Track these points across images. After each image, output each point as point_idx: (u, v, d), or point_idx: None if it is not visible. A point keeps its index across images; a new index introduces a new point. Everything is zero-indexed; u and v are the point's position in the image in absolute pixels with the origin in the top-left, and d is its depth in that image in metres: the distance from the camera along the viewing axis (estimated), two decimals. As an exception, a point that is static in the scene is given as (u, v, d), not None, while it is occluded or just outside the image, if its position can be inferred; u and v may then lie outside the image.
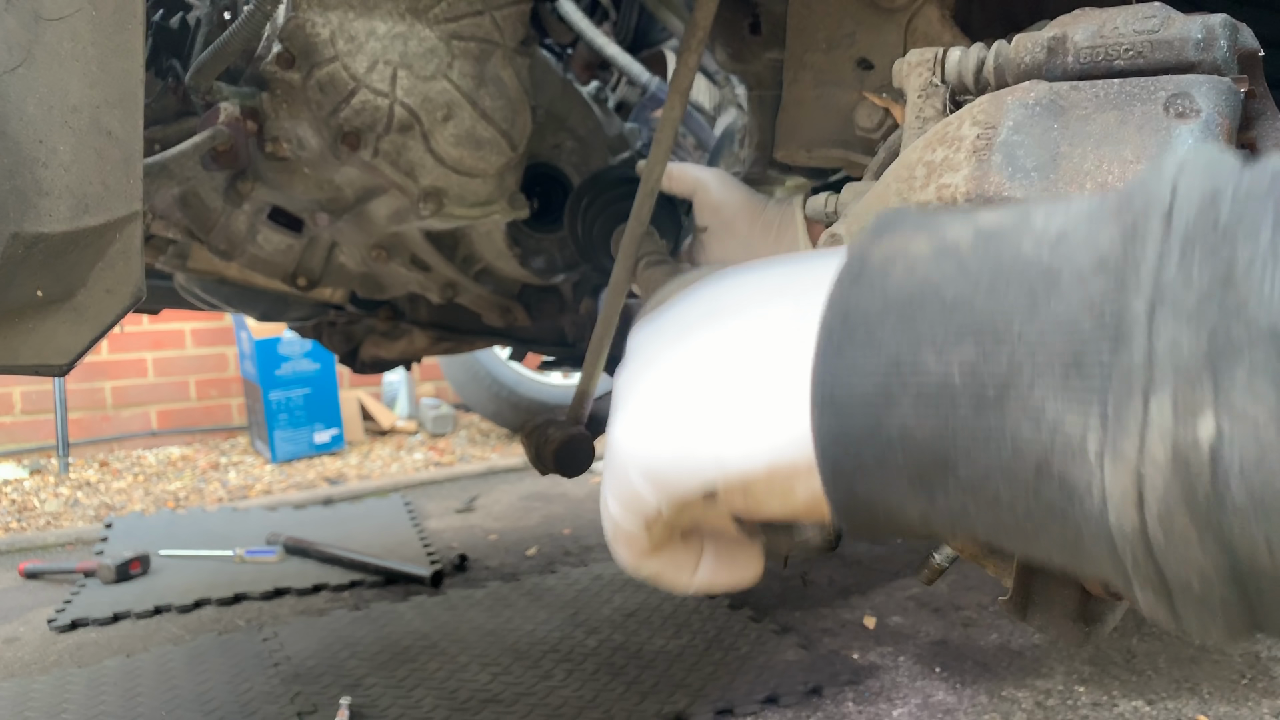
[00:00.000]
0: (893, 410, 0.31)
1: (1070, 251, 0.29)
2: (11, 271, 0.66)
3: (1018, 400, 0.29)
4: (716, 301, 0.40)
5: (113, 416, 4.02)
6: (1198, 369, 0.26)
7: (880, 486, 0.32)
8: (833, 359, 0.32)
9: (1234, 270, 0.26)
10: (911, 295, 0.31)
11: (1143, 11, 0.54)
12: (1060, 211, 0.31)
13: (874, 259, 0.33)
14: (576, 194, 1.21)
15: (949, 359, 0.30)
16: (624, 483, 0.38)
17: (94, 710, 1.66)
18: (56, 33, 0.64)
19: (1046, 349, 0.28)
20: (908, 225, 0.34)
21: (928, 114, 0.61)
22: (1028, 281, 0.29)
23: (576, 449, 1.15)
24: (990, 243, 0.31)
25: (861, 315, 0.32)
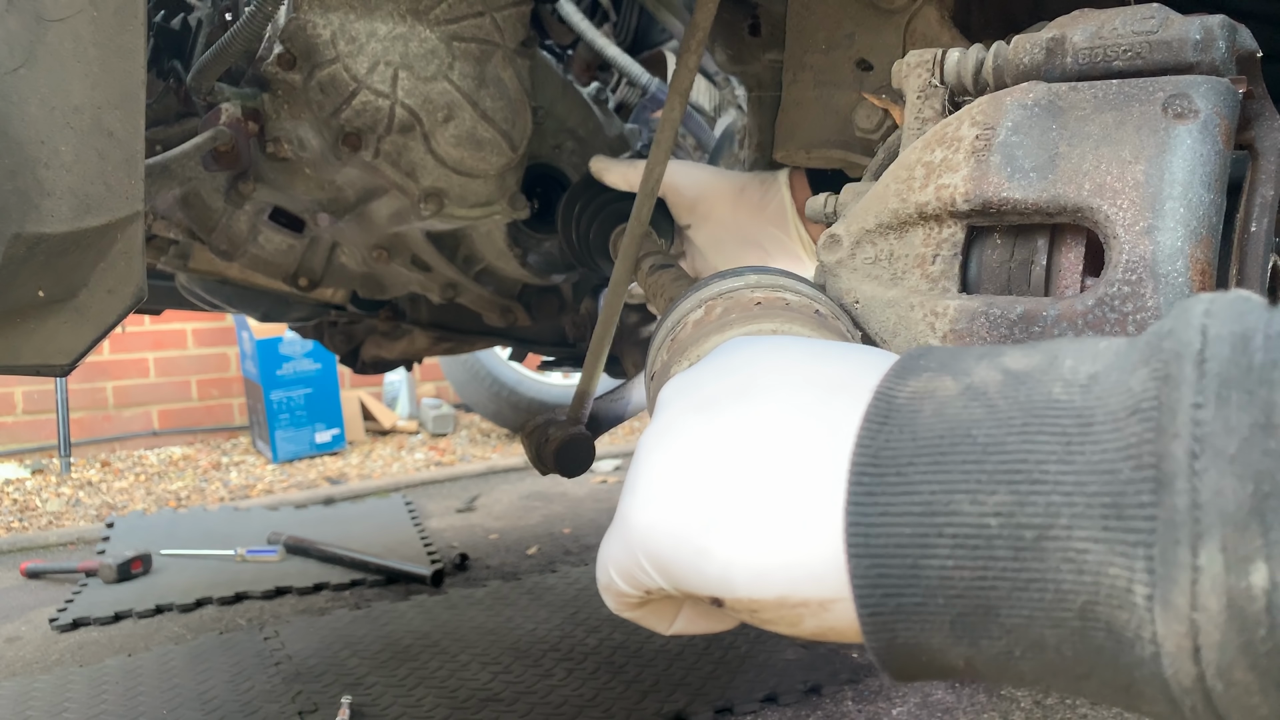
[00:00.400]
0: (931, 556, 0.31)
1: (1102, 395, 0.30)
2: (13, 271, 0.66)
3: (1057, 545, 0.29)
4: (748, 374, 0.39)
5: (114, 416, 4.02)
6: (1245, 516, 0.26)
7: (921, 631, 0.32)
8: (866, 504, 0.32)
9: (1273, 414, 0.26)
10: (942, 437, 0.31)
11: (1141, 12, 0.54)
12: (1089, 355, 0.32)
13: (901, 399, 0.33)
14: (569, 198, 1.20)
15: (984, 504, 0.30)
16: (632, 561, 0.38)
17: (95, 709, 1.66)
18: (58, 33, 0.64)
19: (1084, 494, 0.28)
20: (933, 366, 0.34)
21: (927, 115, 0.61)
22: (1060, 425, 0.30)
23: (577, 449, 1.15)
24: (1020, 385, 0.31)
25: (892, 457, 0.32)
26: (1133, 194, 0.49)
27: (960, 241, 0.56)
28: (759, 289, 0.58)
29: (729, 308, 0.56)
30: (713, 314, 0.57)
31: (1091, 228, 0.52)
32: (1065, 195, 0.51)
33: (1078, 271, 0.53)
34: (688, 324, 0.58)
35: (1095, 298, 0.50)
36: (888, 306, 0.58)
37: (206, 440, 4.17)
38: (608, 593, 0.42)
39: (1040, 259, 0.54)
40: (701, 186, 1.06)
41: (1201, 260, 0.48)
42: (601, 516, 2.81)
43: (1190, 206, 0.48)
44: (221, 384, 4.22)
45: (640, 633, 1.88)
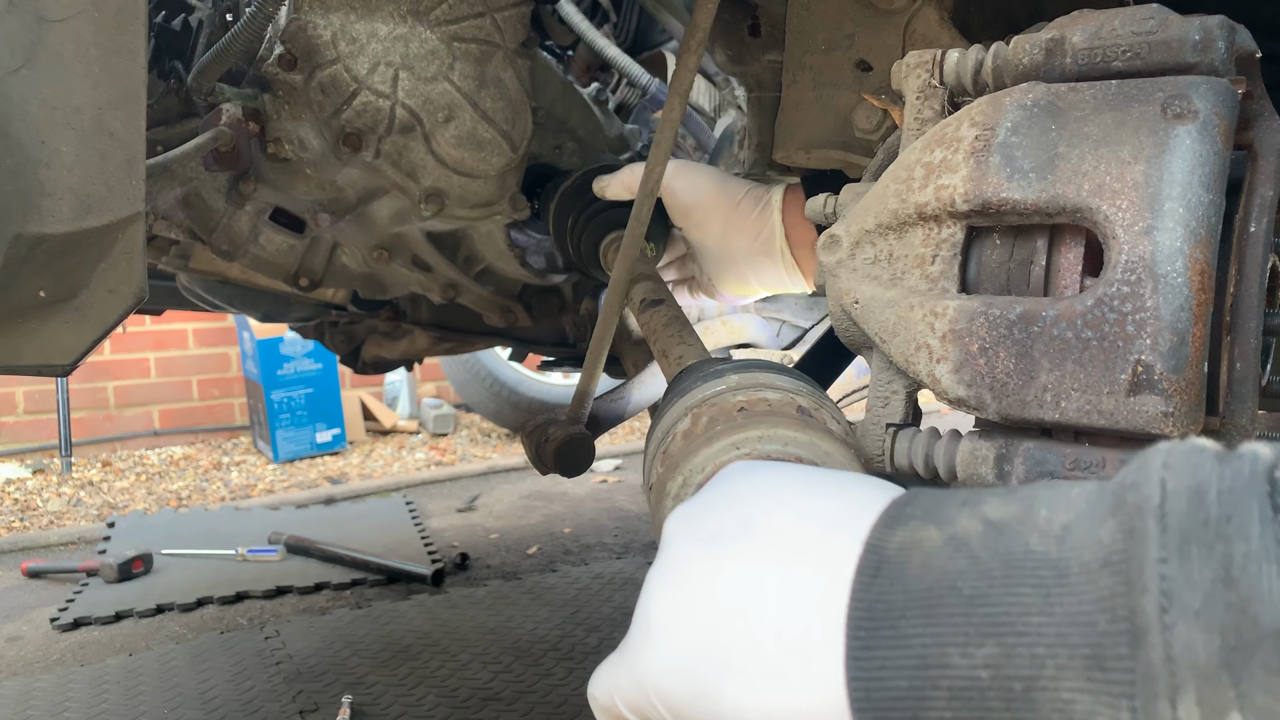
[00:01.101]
0: (928, 709, 0.32)
1: (1076, 547, 0.31)
2: (14, 272, 0.66)
3: (1046, 696, 0.30)
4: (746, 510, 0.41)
5: (115, 416, 4.03)
6: (1215, 669, 0.27)
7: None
8: (864, 656, 0.34)
9: (1231, 568, 0.28)
10: (930, 589, 0.33)
11: (1140, 13, 0.54)
12: (1062, 504, 0.33)
13: (890, 551, 0.35)
14: (559, 208, 1.19)
15: (974, 656, 0.31)
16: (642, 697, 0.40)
17: (96, 708, 1.66)
18: (59, 34, 0.64)
19: (1067, 645, 0.30)
20: (919, 515, 0.36)
21: (926, 115, 0.61)
22: (1039, 577, 0.31)
23: (577, 448, 1.15)
24: (1000, 536, 0.33)
25: (885, 610, 0.34)
26: (1132, 194, 0.49)
27: (960, 242, 0.56)
28: (740, 391, 0.61)
29: (714, 417, 0.59)
30: (699, 424, 0.60)
31: (1091, 228, 0.52)
32: (1064, 196, 0.51)
33: (1077, 272, 0.53)
34: (676, 435, 0.62)
35: (1094, 298, 0.50)
36: (887, 306, 0.58)
37: (207, 440, 4.17)
38: (606, 714, 0.43)
39: (1039, 259, 0.54)
40: (698, 195, 1.06)
41: (1200, 260, 0.48)
42: (601, 516, 2.81)
43: (1189, 207, 0.48)
44: (222, 384, 4.22)
45: (641, 632, 1.88)
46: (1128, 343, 0.49)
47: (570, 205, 1.18)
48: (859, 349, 0.65)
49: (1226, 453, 0.32)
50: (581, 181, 1.18)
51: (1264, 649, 0.27)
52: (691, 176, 1.07)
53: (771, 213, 1.03)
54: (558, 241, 1.22)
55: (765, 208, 1.03)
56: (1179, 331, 0.48)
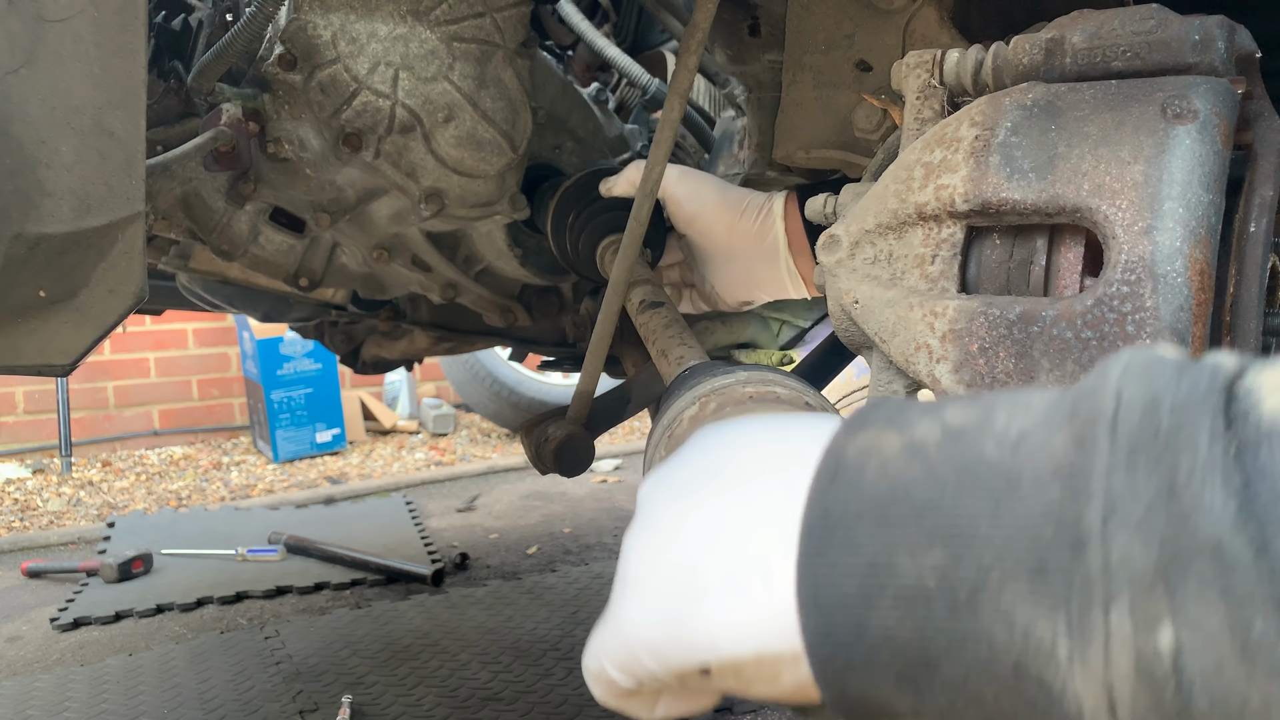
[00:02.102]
0: (874, 612, 0.33)
1: (1029, 455, 0.31)
2: (14, 272, 0.66)
3: (989, 604, 0.30)
4: (716, 455, 0.42)
5: (115, 416, 4.03)
6: (1151, 579, 0.28)
7: (869, 683, 0.33)
8: (815, 560, 0.34)
9: (1176, 480, 0.28)
10: (884, 496, 0.33)
11: (1140, 13, 0.54)
12: (1020, 411, 0.33)
13: (849, 456, 0.35)
14: (558, 209, 1.19)
15: (922, 563, 0.32)
16: (628, 654, 0.40)
17: (96, 708, 1.66)
18: (59, 34, 0.64)
19: (1012, 554, 0.30)
20: (880, 420, 0.36)
21: (926, 115, 0.61)
22: (990, 486, 0.31)
23: (576, 448, 1.15)
24: (956, 444, 0.33)
25: (839, 515, 0.34)
26: (1131, 194, 0.49)
27: (959, 242, 0.56)
28: (750, 384, 0.61)
29: (722, 402, 0.60)
30: (707, 409, 0.60)
31: (1090, 228, 0.52)
32: (1064, 196, 0.51)
33: (1076, 272, 0.53)
34: (683, 420, 0.62)
35: (1094, 298, 0.50)
36: (887, 306, 0.58)
37: (207, 440, 4.17)
38: (598, 682, 0.43)
39: (1039, 259, 0.54)
40: (701, 203, 1.06)
41: (1200, 260, 0.48)
42: (601, 516, 2.82)
43: (1189, 207, 0.48)
44: (222, 384, 4.22)
45: (640, 632, 1.88)
46: (1127, 343, 0.49)
47: (569, 207, 1.18)
48: (859, 349, 0.65)
49: (1187, 362, 0.31)
50: (580, 184, 1.18)
51: (1200, 560, 0.27)
52: (694, 184, 1.07)
53: (774, 220, 1.03)
54: (555, 243, 1.22)
55: (767, 216, 1.03)
56: (1179, 331, 0.48)
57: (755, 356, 1.50)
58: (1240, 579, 0.27)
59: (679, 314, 0.95)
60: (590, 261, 1.15)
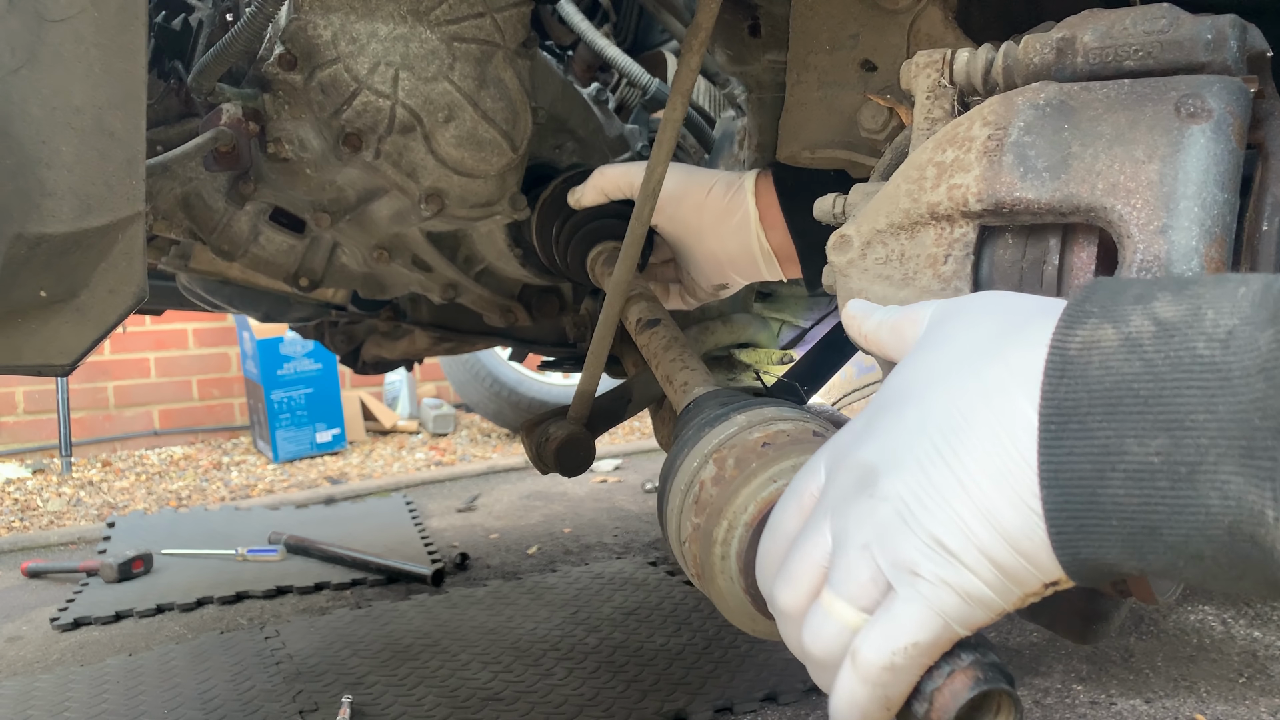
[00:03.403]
0: (1106, 487, 0.39)
1: (1237, 351, 0.37)
2: (15, 272, 0.66)
3: (1206, 478, 0.36)
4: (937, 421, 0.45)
5: (115, 416, 4.02)
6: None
7: (1099, 549, 0.40)
8: (1054, 446, 0.40)
9: None
10: (1110, 390, 0.39)
11: (1152, 12, 0.54)
12: (1227, 307, 0.38)
13: (1073, 350, 0.41)
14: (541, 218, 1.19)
15: (1149, 445, 0.38)
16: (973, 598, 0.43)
17: (96, 708, 1.66)
18: (59, 34, 0.64)
19: (1226, 438, 0.36)
20: (1095, 311, 0.41)
21: (936, 115, 0.61)
22: (1204, 380, 0.37)
23: (577, 448, 1.15)
24: (1170, 339, 0.38)
25: (1071, 408, 0.40)
26: (1146, 193, 0.49)
27: (972, 241, 0.55)
28: (755, 429, 0.63)
29: (740, 457, 0.61)
30: (726, 468, 0.61)
31: (1105, 227, 0.51)
32: (1078, 195, 0.51)
33: (1090, 271, 0.53)
34: (704, 483, 0.62)
35: (1107, 298, 0.50)
36: (898, 307, 0.58)
37: (207, 440, 4.16)
38: (926, 652, 0.44)
39: (1052, 259, 0.54)
40: (669, 187, 1.05)
41: (1216, 259, 0.48)
42: (601, 516, 2.81)
43: (1204, 206, 0.48)
44: (222, 384, 4.22)
45: (640, 632, 1.88)
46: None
47: (552, 215, 1.18)
48: (868, 349, 0.65)
49: None
50: (556, 195, 1.17)
51: None
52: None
53: (745, 197, 1.02)
54: (543, 252, 1.21)
55: (738, 193, 1.03)
56: (1192, 332, 0.48)
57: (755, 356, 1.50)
58: None
59: (677, 330, 0.95)
60: (581, 272, 1.14)
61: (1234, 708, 1.53)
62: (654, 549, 2.46)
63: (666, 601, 2.04)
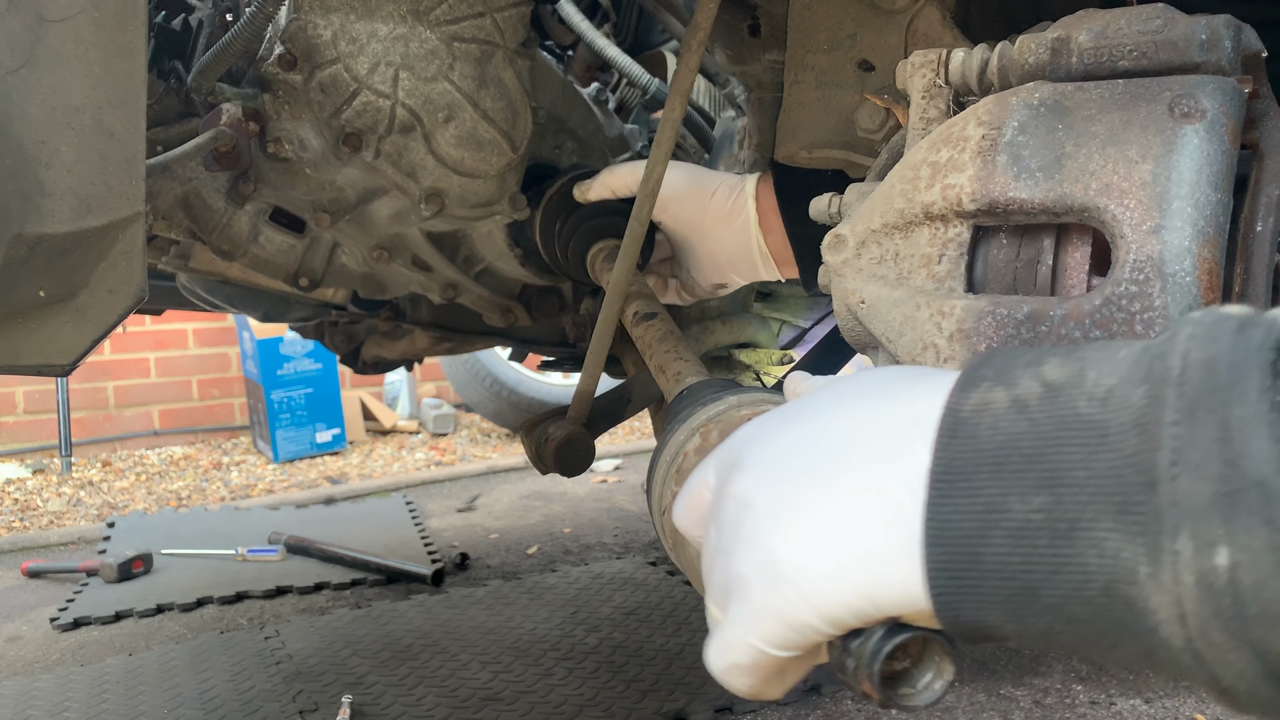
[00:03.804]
0: (988, 545, 0.38)
1: (1115, 409, 0.37)
2: (14, 272, 0.66)
3: (1084, 536, 0.36)
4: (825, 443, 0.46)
5: (115, 416, 4.02)
6: (1208, 511, 0.33)
7: (980, 610, 0.39)
8: (940, 503, 0.40)
9: (1229, 429, 0.34)
10: (997, 449, 0.39)
11: (1146, 12, 0.54)
12: (1108, 368, 0.39)
13: (965, 413, 0.41)
14: (545, 215, 1.19)
15: (1031, 503, 0.38)
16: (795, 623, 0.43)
17: (96, 708, 1.66)
18: (59, 34, 0.64)
19: (1103, 494, 0.36)
20: (989, 376, 0.42)
21: (932, 115, 0.61)
22: (1084, 437, 0.37)
23: (576, 448, 1.15)
24: (1055, 399, 0.39)
25: (960, 467, 0.40)
26: (1140, 193, 0.49)
27: (966, 241, 0.55)
28: (744, 407, 0.63)
29: (724, 430, 0.62)
30: (710, 440, 0.62)
31: (1098, 227, 0.51)
32: (1072, 195, 0.51)
33: (1084, 271, 0.53)
34: (688, 454, 0.63)
35: (1102, 297, 0.50)
36: (894, 306, 0.58)
37: (207, 440, 4.16)
38: (750, 671, 0.46)
39: (1046, 259, 0.54)
40: (673, 187, 1.06)
41: (1209, 260, 0.48)
42: (601, 516, 2.81)
43: (1198, 206, 0.48)
44: (222, 384, 4.22)
45: (640, 632, 1.88)
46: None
47: (554, 215, 1.18)
48: (864, 348, 0.65)
49: (1249, 320, 0.37)
50: (562, 192, 1.18)
51: (1248, 495, 0.33)
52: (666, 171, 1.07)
53: (745, 200, 1.03)
54: (545, 250, 1.22)
55: (739, 196, 1.04)
56: (1186, 331, 0.48)
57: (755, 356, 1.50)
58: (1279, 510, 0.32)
59: (673, 324, 0.95)
60: (581, 268, 1.15)
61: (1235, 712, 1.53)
62: (654, 549, 2.46)
63: (666, 601, 2.04)
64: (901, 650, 0.44)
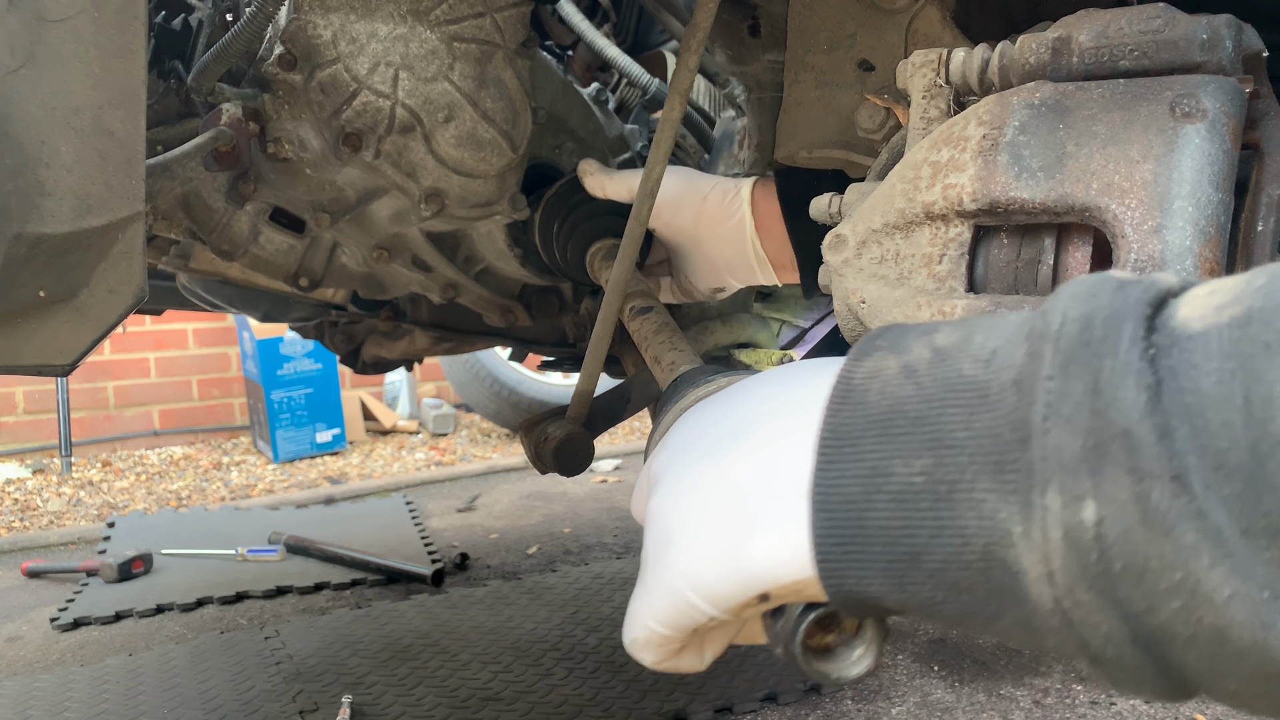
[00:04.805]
0: (871, 509, 0.37)
1: (996, 369, 0.36)
2: (14, 272, 0.66)
3: (964, 496, 0.35)
4: (733, 421, 0.46)
5: (115, 416, 4.02)
6: (1076, 464, 0.32)
7: (864, 576, 0.38)
8: (826, 470, 0.39)
9: (1099, 381, 0.33)
10: (884, 413, 0.38)
11: (1147, 12, 0.54)
12: (995, 331, 0.38)
13: (856, 380, 0.40)
14: (544, 214, 1.19)
15: (913, 466, 0.37)
16: (680, 603, 0.44)
17: (96, 708, 1.66)
18: (59, 34, 0.64)
19: (981, 454, 0.35)
20: (883, 345, 0.41)
21: (932, 115, 0.61)
22: (966, 398, 0.36)
23: (576, 447, 1.15)
24: (942, 363, 0.38)
25: (847, 432, 0.39)
26: (1141, 193, 0.49)
27: (967, 241, 0.55)
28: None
29: None
30: None
31: (1099, 227, 0.51)
32: (1073, 195, 0.51)
33: (1085, 271, 0.53)
34: None
35: (1102, 298, 0.50)
36: (894, 306, 0.58)
37: (207, 440, 4.16)
38: (648, 647, 0.47)
39: (1047, 258, 0.54)
40: (666, 191, 1.06)
41: (1210, 259, 0.48)
42: (601, 516, 2.81)
43: (1199, 206, 0.48)
44: (222, 384, 4.22)
45: (641, 633, 1.88)
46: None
47: (553, 215, 1.18)
48: (864, 349, 0.65)
49: (1130, 280, 0.36)
50: (561, 192, 1.18)
51: (1114, 446, 0.32)
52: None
53: (740, 204, 1.03)
54: (544, 250, 1.22)
55: (734, 200, 1.04)
56: (1187, 331, 0.48)
57: (755, 356, 1.50)
58: (1144, 459, 0.31)
59: (669, 317, 0.95)
60: (580, 268, 1.15)
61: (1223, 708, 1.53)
62: (654, 549, 2.46)
63: (666, 601, 2.04)
64: (825, 625, 0.44)
